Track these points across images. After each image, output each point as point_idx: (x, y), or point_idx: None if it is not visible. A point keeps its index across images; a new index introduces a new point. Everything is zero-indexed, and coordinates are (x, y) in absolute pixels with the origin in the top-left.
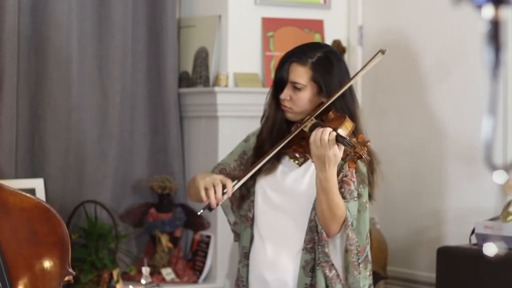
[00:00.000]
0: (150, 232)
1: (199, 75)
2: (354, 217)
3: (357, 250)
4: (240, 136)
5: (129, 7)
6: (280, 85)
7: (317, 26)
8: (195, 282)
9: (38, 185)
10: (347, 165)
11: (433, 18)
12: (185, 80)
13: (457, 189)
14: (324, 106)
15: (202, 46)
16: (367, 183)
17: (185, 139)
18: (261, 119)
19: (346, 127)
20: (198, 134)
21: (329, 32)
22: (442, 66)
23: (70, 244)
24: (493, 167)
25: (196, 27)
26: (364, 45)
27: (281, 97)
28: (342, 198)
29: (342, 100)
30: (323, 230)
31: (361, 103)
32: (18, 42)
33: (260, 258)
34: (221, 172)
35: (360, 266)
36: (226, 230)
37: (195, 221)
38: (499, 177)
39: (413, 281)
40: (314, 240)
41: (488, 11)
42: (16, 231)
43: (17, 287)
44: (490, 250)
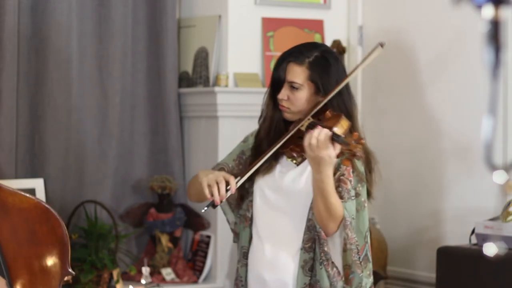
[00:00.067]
0: (150, 232)
1: (199, 75)
2: (352, 216)
3: (357, 249)
4: (240, 136)
5: (129, 7)
6: (277, 85)
7: (317, 26)
8: (195, 282)
9: (38, 185)
10: (342, 163)
11: (433, 18)
12: (185, 80)
13: (457, 189)
14: (321, 104)
15: (202, 46)
16: (365, 182)
17: (185, 139)
18: (259, 119)
19: (342, 126)
20: (198, 134)
21: (329, 32)
22: (442, 66)
23: (70, 244)
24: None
25: (196, 27)
26: (364, 45)
27: (278, 97)
28: (340, 197)
29: (340, 98)
30: (321, 230)
31: (361, 103)
32: (18, 42)
33: (258, 258)
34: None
35: (361, 265)
36: (226, 230)
37: (195, 221)
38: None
39: (413, 281)
40: (312, 239)
41: (488, 11)
42: (15, 231)
43: (17, 287)
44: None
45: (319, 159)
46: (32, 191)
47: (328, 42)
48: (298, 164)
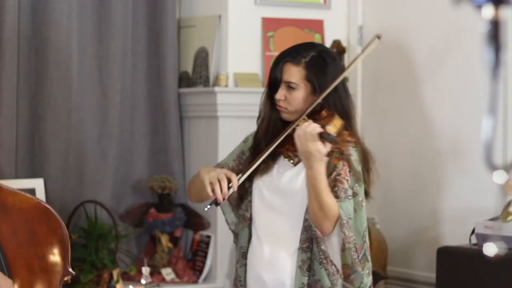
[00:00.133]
0: (150, 232)
1: (199, 75)
2: (349, 215)
3: (355, 247)
4: (240, 136)
5: (129, 7)
6: (274, 85)
7: (317, 26)
8: (195, 282)
9: (38, 185)
10: (332, 161)
11: (433, 18)
12: (185, 80)
13: (457, 189)
14: (316, 102)
15: (202, 46)
16: (363, 182)
17: (185, 139)
18: (257, 119)
19: (335, 125)
20: (198, 134)
21: (329, 32)
22: (442, 66)
23: (70, 244)
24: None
25: (196, 27)
26: (364, 45)
27: (276, 97)
28: (336, 197)
29: (336, 97)
30: (317, 229)
31: (361, 103)
32: (18, 42)
33: (257, 258)
34: None
35: (360, 263)
36: (226, 230)
37: (195, 221)
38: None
39: (413, 281)
40: (309, 239)
41: (488, 11)
42: (15, 231)
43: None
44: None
45: (308, 154)
46: (32, 191)
47: (328, 42)
48: (295, 164)
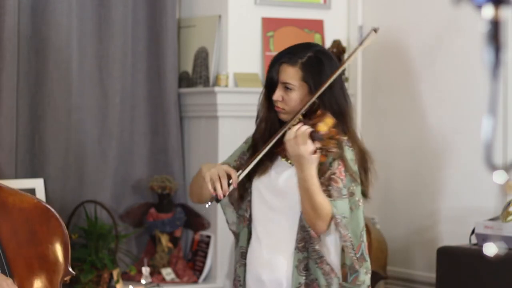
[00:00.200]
0: (150, 232)
1: (199, 75)
2: (343, 215)
3: (352, 244)
4: (240, 136)
5: (129, 7)
6: (271, 86)
7: (317, 26)
8: (195, 282)
9: (38, 185)
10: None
11: (433, 18)
12: (185, 80)
13: (457, 189)
14: (311, 101)
15: (202, 46)
16: (360, 182)
17: (185, 139)
18: (255, 120)
19: (326, 123)
20: (198, 134)
21: (329, 32)
22: (442, 67)
23: (70, 244)
24: (493, 167)
25: (196, 27)
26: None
27: (273, 98)
28: (329, 196)
29: (331, 96)
30: (310, 229)
31: (361, 103)
32: (18, 42)
33: (256, 258)
34: None
35: (356, 262)
36: (226, 230)
37: (195, 221)
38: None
39: (413, 281)
40: (305, 238)
41: (488, 11)
42: (16, 231)
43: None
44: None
45: (299, 157)
46: (32, 191)
47: (328, 42)
48: (292, 163)
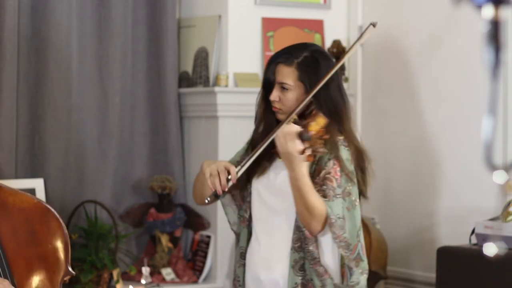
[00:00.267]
0: (150, 232)
1: (199, 75)
2: (337, 215)
3: (346, 244)
4: (240, 136)
5: (129, 7)
6: (268, 86)
7: (317, 26)
8: (195, 282)
9: (38, 185)
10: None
11: (433, 18)
12: (185, 80)
13: (457, 189)
14: (306, 100)
15: (202, 46)
16: (356, 181)
17: (185, 139)
18: (254, 120)
19: (318, 123)
20: (198, 134)
21: (329, 32)
22: (442, 67)
23: (70, 244)
24: (493, 167)
25: (196, 27)
26: (364, 45)
27: (270, 98)
28: (324, 196)
29: (327, 96)
30: (305, 229)
31: (361, 103)
32: (18, 42)
33: (255, 258)
34: None
35: (352, 262)
36: (226, 230)
37: (195, 221)
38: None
39: (413, 281)
40: (301, 239)
41: (488, 11)
42: (16, 231)
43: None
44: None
45: (288, 154)
46: (32, 191)
47: (328, 42)
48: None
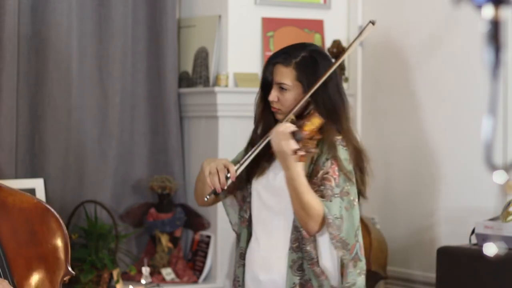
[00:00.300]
0: (150, 232)
1: (199, 75)
2: (335, 215)
3: (343, 243)
4: (240, 136)
5: (129, 7)
6: (266, 87)
7: (317, 26)
8: (195, 282)
9: (38, 185)
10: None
11: (433, 18)
12: (185, 80)
13: (457, 189)
14: (303, 100)
15: (202, 46)
16: (355, 181)
17: (185, 139)
18: (254, 120)
19: (313, 123)
20: (198, 134)
21: (329, 32)
22: (442, 66)
23: (69, 244)
24: (493, 167)
25: (196, 27)
26: (364, 45)
27: (269, 99)
28: (322, 196)
29: (325, 95)
30: (302, 229)
31: (361, 103)
32: (18, 42)
33: (254, 258)
34: None
35: (349, 263)
36: (226, 230)
37: (195, 221)
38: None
39: (413, 281)
40: (298, 239)
41: (488, 11)
42: (16, 231)
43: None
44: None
45: (282, 153)
46: (32, 191)
47: (328, 42)
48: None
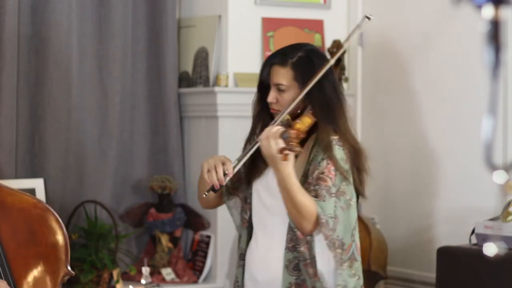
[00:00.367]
0: (150, 232)
1: (199, 75)
2: (329, 215)
3: (340, 243)
4: (240, 136)
5: (129, 7)
6: (264, 88)
7: (317, 26)
8: (195, 282)
9: (38, 185)
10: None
11: (433, 18)
12: (185, 80)
13: (457, 189)
14: (297, 99)
15: (202, 46)
16: (351, 181)
17: (185, 139)
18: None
19: (303, 123)
20: (198, 134)
21: (329, 32)
22: (442, 66)
23: (69, 244)
24: (493, 167)
25: (196, 27)
26: (364, 45)
27: (268, 100)
28: (317, 195)
29: (321, 94)
30: (296, 229)
31: (361, 103)
32: (18, 42)
33: (253, 258)
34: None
35: (344, 263)
36: (226, 230)
37: (195, 221)
38: (499, 177)
39: (413, 281)
40: (293, 239)
41: (488, 11)
42: (15, 231)
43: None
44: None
45: (271, 156)
46: (32, 191)
47: (328, 42)
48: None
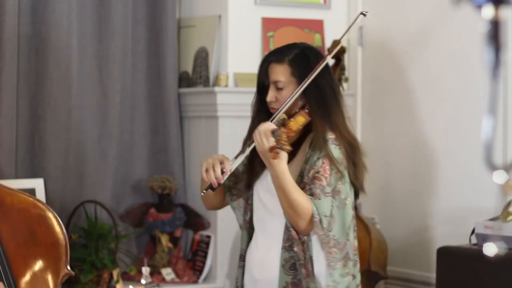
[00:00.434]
0: (150, 232)
1: (199, 75)
2: (323, 213)
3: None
4: (240, 136)
5: (129, 7)
6: (263, 88)
7: (317, 26)
8: (195, 282)
9: (38, 185)
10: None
11: (433, 18)
12: (185, 80)
13: (457, 189)
14: (292, 96)
15: (202, 46)
16: (347, 180)
17: (185, 139)
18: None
19: (297, 121)
20: (198, 134)
21: (329, 32)
22: (442, 66)
23: (69, 244)
24: (493, 167)
25: (196, 27)
26: (364, 45)
27: (267, 99)
28: (311, 194)
29: (317, 92)
30: (292, 228)
31: (361, 103)
32: (18, 42)
33: (252, 258)
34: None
35: (338, 262)
36: (226, 230)
37: (195, 221)
38: (499, 177)
39: (413, 281)
40: (290, 239)
41: (488, 11)
42: (15, 232)
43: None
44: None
45: (265, 153)
46: (32, 191)
47: (328, 42)
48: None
